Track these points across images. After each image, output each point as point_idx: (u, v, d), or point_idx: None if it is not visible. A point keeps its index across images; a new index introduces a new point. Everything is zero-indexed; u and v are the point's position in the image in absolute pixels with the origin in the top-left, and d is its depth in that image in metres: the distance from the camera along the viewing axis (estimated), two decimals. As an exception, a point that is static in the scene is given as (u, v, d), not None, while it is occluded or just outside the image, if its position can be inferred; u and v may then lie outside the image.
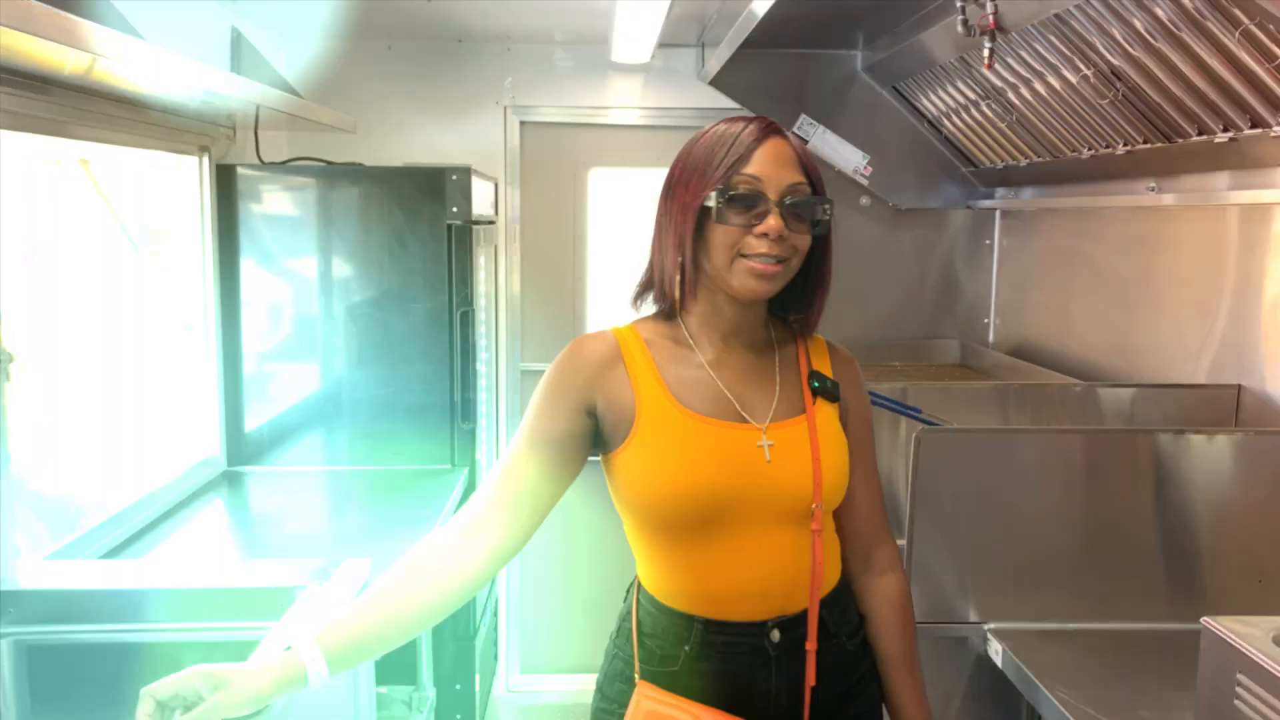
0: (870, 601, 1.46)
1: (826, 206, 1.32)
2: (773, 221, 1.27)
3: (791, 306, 1.42)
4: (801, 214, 1.30)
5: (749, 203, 1.29)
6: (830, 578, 1.39)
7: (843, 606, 1.41)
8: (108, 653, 1.69)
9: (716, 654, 1.33)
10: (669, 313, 1.40)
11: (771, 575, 1.32)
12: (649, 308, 1.43)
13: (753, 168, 1.29)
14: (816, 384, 1.38)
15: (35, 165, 2.57)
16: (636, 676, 1.36)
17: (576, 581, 3.86)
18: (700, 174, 1.31)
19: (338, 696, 1.76)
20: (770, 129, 1.33)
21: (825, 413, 1.38)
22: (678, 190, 1.34)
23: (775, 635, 1.33)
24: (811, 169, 1.33)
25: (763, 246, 1.28)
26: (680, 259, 1.34)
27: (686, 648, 1.34)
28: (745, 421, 1.33)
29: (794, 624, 1.34)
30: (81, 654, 1.68)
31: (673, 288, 1.35)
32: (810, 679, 1.33)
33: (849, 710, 1.40)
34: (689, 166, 1.34)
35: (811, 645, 1.33)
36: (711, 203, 1.29)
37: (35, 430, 2.40)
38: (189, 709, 1.15)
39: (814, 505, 1.31)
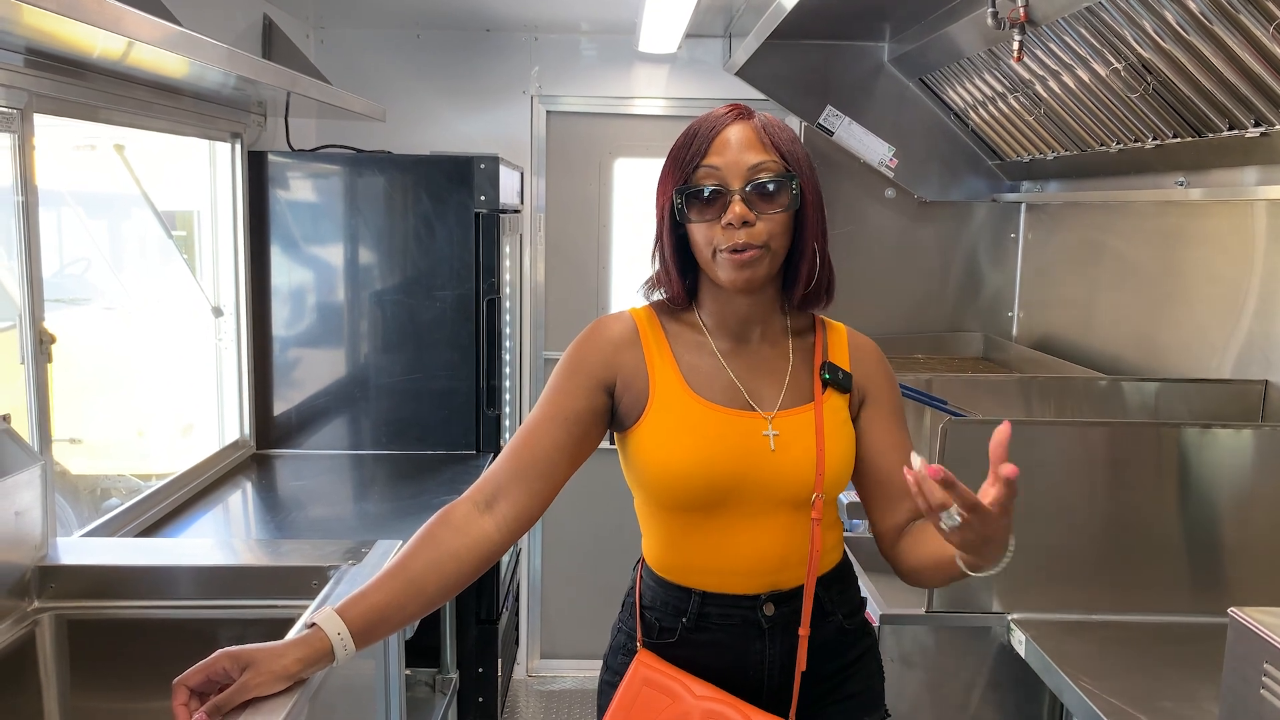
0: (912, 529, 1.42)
1: (793, 182, 1.30)
2: (735, 209, 1.27)
3: (789, 286, 1.39)
4: (769, 194, 1.29)
5: (710, 195, 1.29)
6: (829, 559, 1.41)
7: (842, 586, 1.43)
8: (146, 628, 1.72)
9: (712, 626, 1.37)
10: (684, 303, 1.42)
11: (766, 556, 1.35)
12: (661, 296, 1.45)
13: (711, 158, 1.30)
14: (827, 375, 1.39)
15: (71, 149, 2.60)
16: (639, 646, 1.40)
17: (597, 570, 3.89)
18: (670, 173, 1.34)
19: (367, 677, 1.78)
20: (732, 114, 1.32)
21: (834, 404, 1.39)
22: (658, 194, 1.37)
23: (769, 609, 1.35)
24: (782, 146, 1.31)
25: (733, 237, 1.28)
26: (666, 263, 1.37)
27: (684, 620, 1.37)
28: (753, 410, 1.35)
29: (788, 598, 1.36)
30: (120, 629, 1.71)
31: (670, 289, 1.39)
32: (801, 664, 1.35)
33: (845, 690, 1.42)
34: (666, 166, 1.36)
35: (804, 630, 1.35)
36: (676, 204, 1.31)
37: (69, 412, 2.44)
38: (222, 691, 1.18)
39: (815, 495, 1.33)
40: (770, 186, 1.29)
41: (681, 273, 1.39)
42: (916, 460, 1.10)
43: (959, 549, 1.21)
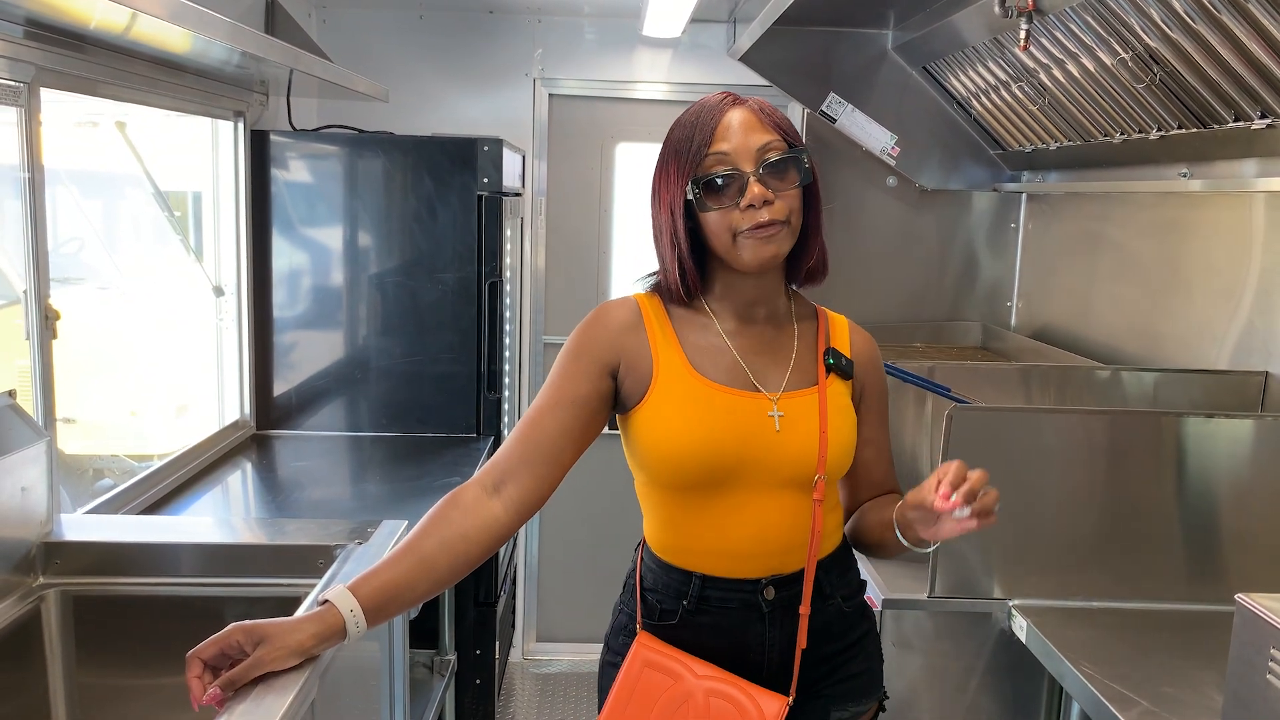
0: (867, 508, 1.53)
1: (804, 156, 1.33)
2: (754, 190, 1.30)
3: (795, 263, 1.43)
4: (782, 171, 1.32)
5: (726, 182, 1.31)
6: (829, 541, 1.43)
7: (841, 569, 1.45)
8: (151, 605, 1.72)
9: (713, 609, 1.38)
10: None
11: (769, 538, 1.37)
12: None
13: (718, 144, 1.32)
14: (831, 360, 1.42)
15: (72, 126, 2.59)
16: (638, 628, 1.42)
17: (593, 554, 3.90)
18: (676, 167, 1.35)
19: (373, 658, 1.79)
20: (728, 100, 1.35)
21: (836, 388, 1.41)
22: (661, 190, 1.38)
23: (770, 593, 1.37)
24: (782, 124, 1.35)
25: (755, 217, 1.30)
26: (679, 257, 1.37)
27: (685, 602, 1.39)
28: (757, 391, 1.37)
29: (788, 582, 1.38)
30: (125, 606, 1.71)
31: (679, 286, 1.39)
32: (801, 641, 1.37)
33: (844, 671, 1.44)
34: (666, 162, 1.37)
35: (805, 609, 1.37)
36: (691, 195, 1.32)
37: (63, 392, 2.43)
38: (235, 665, 1.18)
39: (817, 476, 1.35)
40: (782, 164, 1.32)
41: (697, 265, 1.39)
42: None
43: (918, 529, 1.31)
